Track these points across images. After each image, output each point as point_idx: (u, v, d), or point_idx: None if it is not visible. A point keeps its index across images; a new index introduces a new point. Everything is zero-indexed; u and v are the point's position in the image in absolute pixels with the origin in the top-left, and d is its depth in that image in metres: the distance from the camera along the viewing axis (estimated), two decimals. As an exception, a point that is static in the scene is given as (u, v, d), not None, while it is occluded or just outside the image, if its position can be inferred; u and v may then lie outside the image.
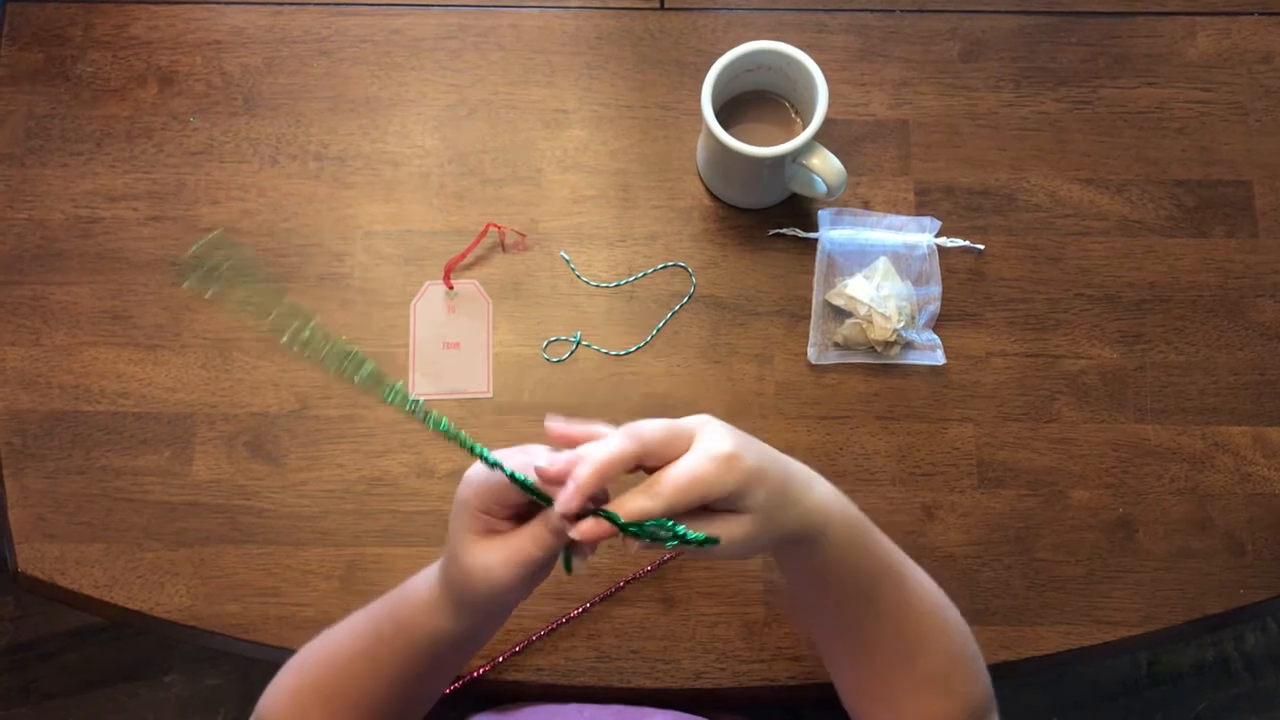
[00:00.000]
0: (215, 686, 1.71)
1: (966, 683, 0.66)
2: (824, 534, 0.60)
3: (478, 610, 0.60)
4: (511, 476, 0.54)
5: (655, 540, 0.53)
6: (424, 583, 0.63)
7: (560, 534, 0.54)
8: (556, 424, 0.56)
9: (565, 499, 0.52)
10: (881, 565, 0.64)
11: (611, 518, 0.52)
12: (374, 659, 0.64)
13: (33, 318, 0.86)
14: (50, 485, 0.84)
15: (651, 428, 0.54)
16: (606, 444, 0.53)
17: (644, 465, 0.54)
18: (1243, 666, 1.76)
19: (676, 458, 0.54)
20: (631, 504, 0.53)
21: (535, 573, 0.56)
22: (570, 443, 0.55)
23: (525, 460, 0.55)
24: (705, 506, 0.55)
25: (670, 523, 0.53)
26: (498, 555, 0.55)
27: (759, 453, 0.56)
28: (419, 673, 0.65)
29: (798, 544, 0.59)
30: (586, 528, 0.53)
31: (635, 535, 0.53)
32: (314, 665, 0.67)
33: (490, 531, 0.57)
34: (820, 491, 0.61)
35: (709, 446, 0.54)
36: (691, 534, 0.53)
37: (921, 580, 0.66)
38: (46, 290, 0.87)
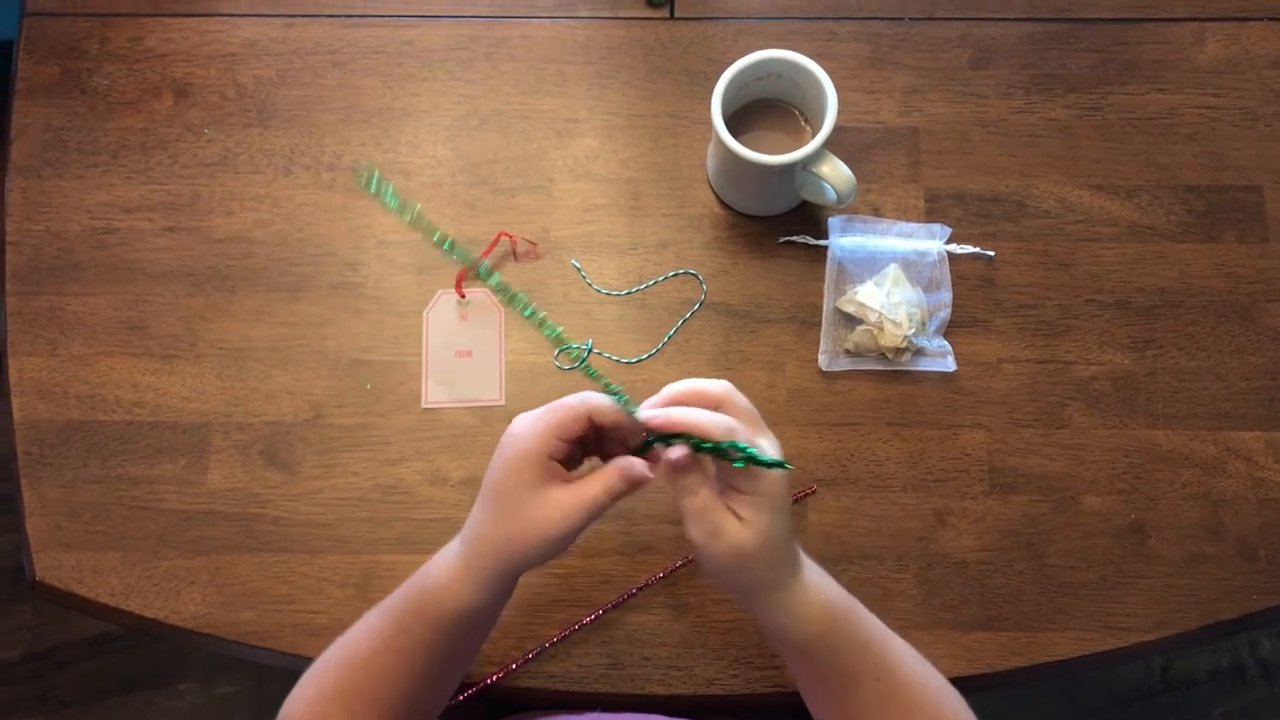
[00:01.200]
0: (230, 694, 1.72)
1: None
2: (808, 587, 0.64)
3: (515, 572, 0.64)
4: (618, 396, 0.63)
5: (723, 457, 0.60)
6: (442, 566, 0.65)
7: (630, 480, 0.61)
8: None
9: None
10: (862, 651, 0.66)
11: (687, 440, 0.60)
12: (397, 650, 0.65)
13: (50, 328, 0.87)
14: (67, 494, 0.84)
15: (725, 428, 0.61)
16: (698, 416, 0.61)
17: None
18: (1258, 672, 1.75)
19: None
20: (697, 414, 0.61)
21: (593, 520, 0.62)
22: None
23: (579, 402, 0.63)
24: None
25: (742, 445, 0.60)
26: (570, 499, 0.61)
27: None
28: (445, 655, 0.66)
29: (782, 588, 0.63)
30: (675, 452, 0.60)
31: (711, 451, 0.60)
32: (332, 669, 0.68)
33: (556, 480, 0.62)
34: (807, 561, 0.66)
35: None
36: (762, 455, 0.59)
37: (906, 658, 0.67)
38: (63, 301, 0.88)
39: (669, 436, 0.61)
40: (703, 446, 0.60)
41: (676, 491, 0.61)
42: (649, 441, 0.64)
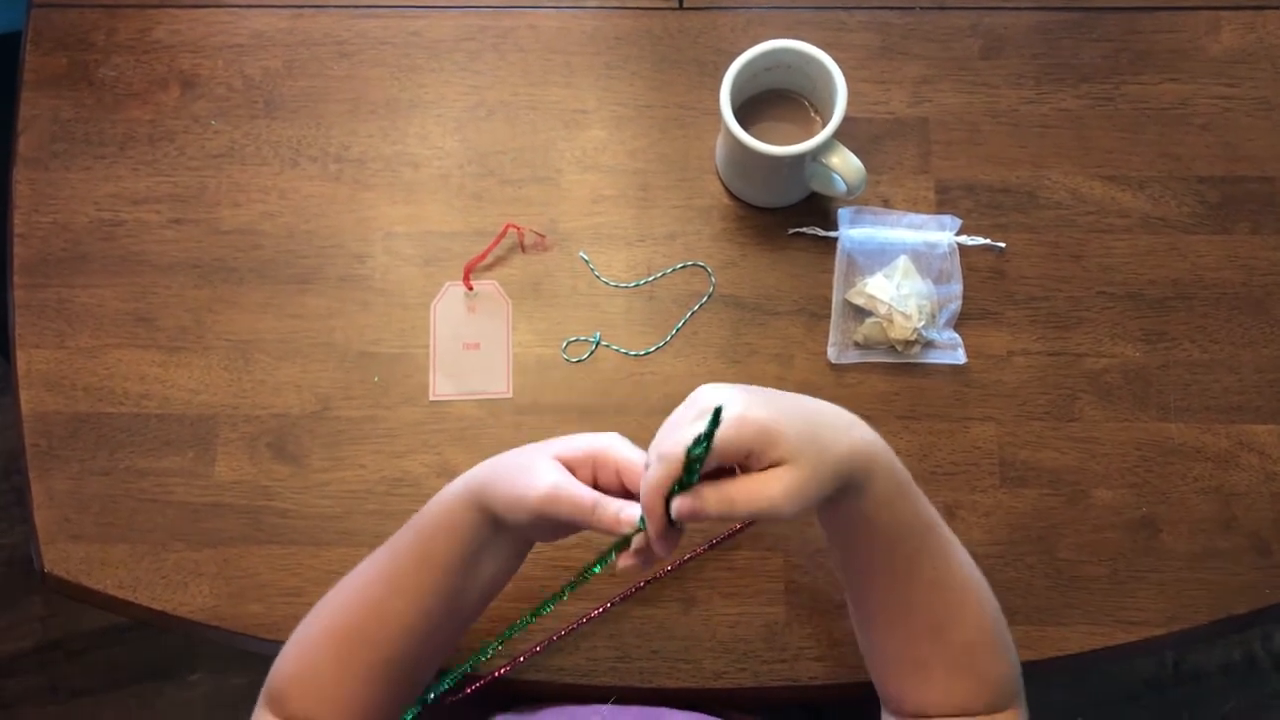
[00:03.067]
0: (241, 685, 1.73)
1: (992, 663, 0.65)
2: (870, 479, 0.59)
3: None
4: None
5: (696, 467, 0.54)
6: (465, 534, 0.66)
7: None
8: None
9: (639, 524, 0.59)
10: (924, 525, 0.63)
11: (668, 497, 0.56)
12: (405, 591, 0.66)
13: (58, 320, 0.87)
14: (75, 486, 0.84)
15: (671, 443, 0.55)
16: (652, 473, 0.56)
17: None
18: (1271, 666, 1.75)
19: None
20: (649, 479, 0.56)
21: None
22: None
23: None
24: (744, 469, 0.56)
25: (690, 448, 0.53)
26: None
27: (771, 404, 0.56)
28: (449, 599, 0.67)
29: (844, 491, 0.58)
30: (683, 510, 0.55)
31: (690, 479, 0.54)
32: (337, 609, 0.68)
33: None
34: (862, 435, 0.60)
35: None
36: (702, 428, 0.52)
37: (959, 552, 0.65)
38: (71, 293, 0.88)
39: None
40: (684, 483, 0.54)
41: (733, 516, 0.56)
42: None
